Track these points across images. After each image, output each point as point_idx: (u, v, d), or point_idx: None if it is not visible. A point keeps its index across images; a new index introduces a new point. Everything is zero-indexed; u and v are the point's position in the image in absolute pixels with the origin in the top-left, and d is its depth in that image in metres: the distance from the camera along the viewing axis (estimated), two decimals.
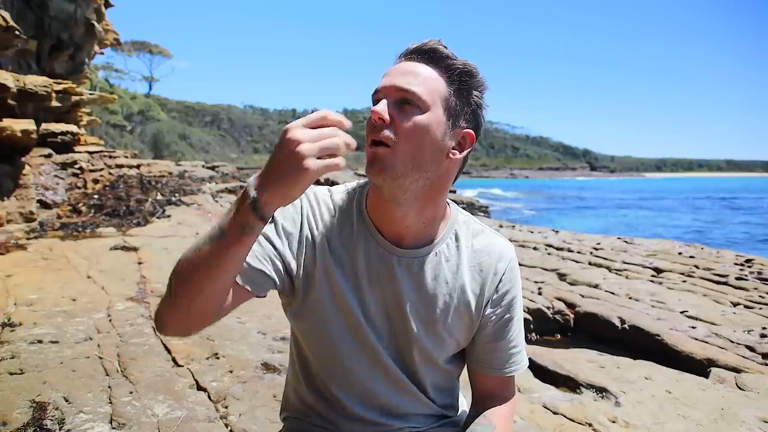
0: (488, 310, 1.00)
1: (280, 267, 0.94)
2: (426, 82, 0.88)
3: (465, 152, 0.93)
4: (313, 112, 0.83)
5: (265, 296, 0.94)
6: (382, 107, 0.86)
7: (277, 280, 0.93)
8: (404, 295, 0.96)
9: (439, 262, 0.98)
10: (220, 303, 0.86)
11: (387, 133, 0.86)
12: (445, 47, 0.91)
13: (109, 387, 2.33)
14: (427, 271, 0.97)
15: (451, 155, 0.91)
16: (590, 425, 2.10)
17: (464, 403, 1.18)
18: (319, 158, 0.71)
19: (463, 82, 0.90)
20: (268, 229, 0.94)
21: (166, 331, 0.86)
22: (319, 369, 1.04)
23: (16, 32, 6.85)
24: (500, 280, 1.00)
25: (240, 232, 0.76)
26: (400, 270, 0.96)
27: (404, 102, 0.87)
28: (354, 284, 0.96)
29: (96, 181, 9.28)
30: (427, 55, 0.90)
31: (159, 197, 9.47)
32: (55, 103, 8.32)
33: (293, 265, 0.95)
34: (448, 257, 0.98)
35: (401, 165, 0.87)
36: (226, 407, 2.15)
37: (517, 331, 1.03)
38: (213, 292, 0.82)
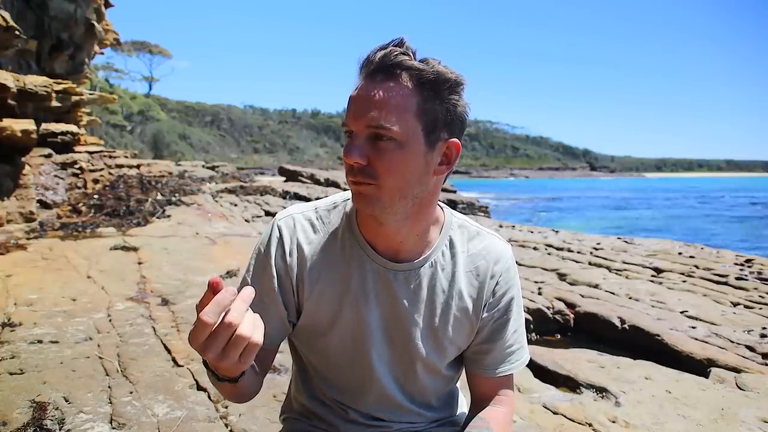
0: (485, 314, 0.99)
1: (285, 316, 0.97)
2: (397, 109, 0.81)
3: (453, 164, 0.90)
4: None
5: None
6: (356, 153, 0.82)
7: (290, 327, 0.99)
8: (403, 309, 0.95)
9: (435, 272, 0.96)
10: (262, 374, 0.97)
11: (368, 173, 0.83)
12: (409, 55, 0.82)
13: (109, 387, 2.33)
14: (424, 283, 0.96)
15: (437, 173, 0.88)
16: (590, 425, 2.09)
17: (464, 404, 1.18)
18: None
19: (437, 91, 0.83)
20: (258, 301, 0.91)
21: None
22: (319, 381, 1.05)
23: (16, 32, 6.85)
24: (497, 283, 0.99)
25: (229, 383, 0.81)
26: (396, 285, 0.95)
27: (378, 137, 0.82)
28: (350, 303, 0.95)
29: (96, 181, 9.29)
30: (393, 70, 0.82)
31: (159, 197, 9.47)
32: (55, 103, 8.33)
33: (291, 306, 0.97)
34: (444, 265, 0.97)
35: (388, 199, 0.85)
36: (226, 407, 2.15)
37: (514, 331, 1.02)
38: (249, 385, 0.91)
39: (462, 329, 0.99)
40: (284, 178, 17.13)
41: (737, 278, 4.73)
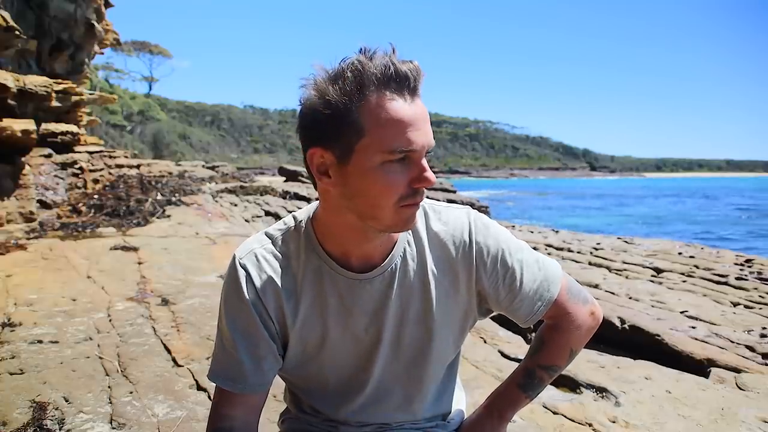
0: (486, 282, 0.97)
1: (276, 350, 0.96)
2: None
3: None
4: None
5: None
6: (431, 173, 0.82)
7: (281, 360, 0.98)
8: (387, 311, 0.95)
9: (405, 264, 0.96)
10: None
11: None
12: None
13: (109, 387, 2.33)
14: (398, 279, 0.95)
15: None
16: (590, 425, 2.09)
17: (462, 401, 1.18)
18: None
19: None
20: (245, 345, 0.93)
21: None
22: (308, 400, 1.05)
23: (16, 32, 6.86)
24: (475, 251, 0.96)
25: None
26: (373, 291, 0.94)
27: (426, 153, 0.84)
28: (335, 323, 0.95)
29: (96, 181, 9.28)
30: (419, 85, 0.83)
31: (159, 197, 9.46)
32: (55, 103, 8.32)
33: (277, 340, 0.96)
34: (413, 254, 0.96)
35: None
36: None
37: (527, 270, 0.98)
38: None
39: (449, 308, 0.98)
40: (284, 178, 17.12)
41: (737, 278, 4.73)
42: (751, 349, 3.00)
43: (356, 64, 0.79)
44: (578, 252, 6.24)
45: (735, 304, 4.04)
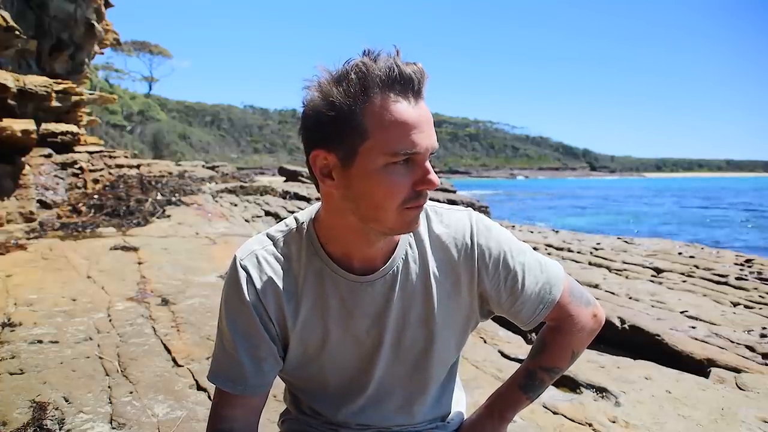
0: (487, 284, 0.96)
1: (276, 351, 0.95)
2: None
3: None
4: None
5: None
6: (435, 175, 0.82)
7: (281, 362, 0.98)
8: (389, 313, 0.95)
9: (407, 266, 0.95)
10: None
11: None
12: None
13: (109, 387, 2.33)
14: (399, 281, 0.94)
15: None
16: (590, 425, 2.09)
17: (461, 402, 1.18)
18: None
19: None
20: (246, 346, 0.92)
21: None
22: (311, 403, 1.05)
23: (16, 32, 6.87)
24: (477, 253, 0.95)
25: None
26: (375, 293, 0.94)
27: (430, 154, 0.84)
28: (336, 325, 0.94)
29: (96, 181, 9.28)
30: (421, 87, 0.82)
31: (159, 197, 9.46)
32: (55, 103, 8.32)
33: (278, 342, 0.95)
34: (415, 257, 0.96)
35: None
36: None
37: (528, 273, 0.97)
38: None
39: (451, 310, 0.97)
40: (284, 178, 17.12)
41: (737, 278, 4.73)
42: (751, 349, 3.00)
43: (360, 66, 0.78)
44: (578, 252, 6.24)
45: (735, 304, 4.04)
